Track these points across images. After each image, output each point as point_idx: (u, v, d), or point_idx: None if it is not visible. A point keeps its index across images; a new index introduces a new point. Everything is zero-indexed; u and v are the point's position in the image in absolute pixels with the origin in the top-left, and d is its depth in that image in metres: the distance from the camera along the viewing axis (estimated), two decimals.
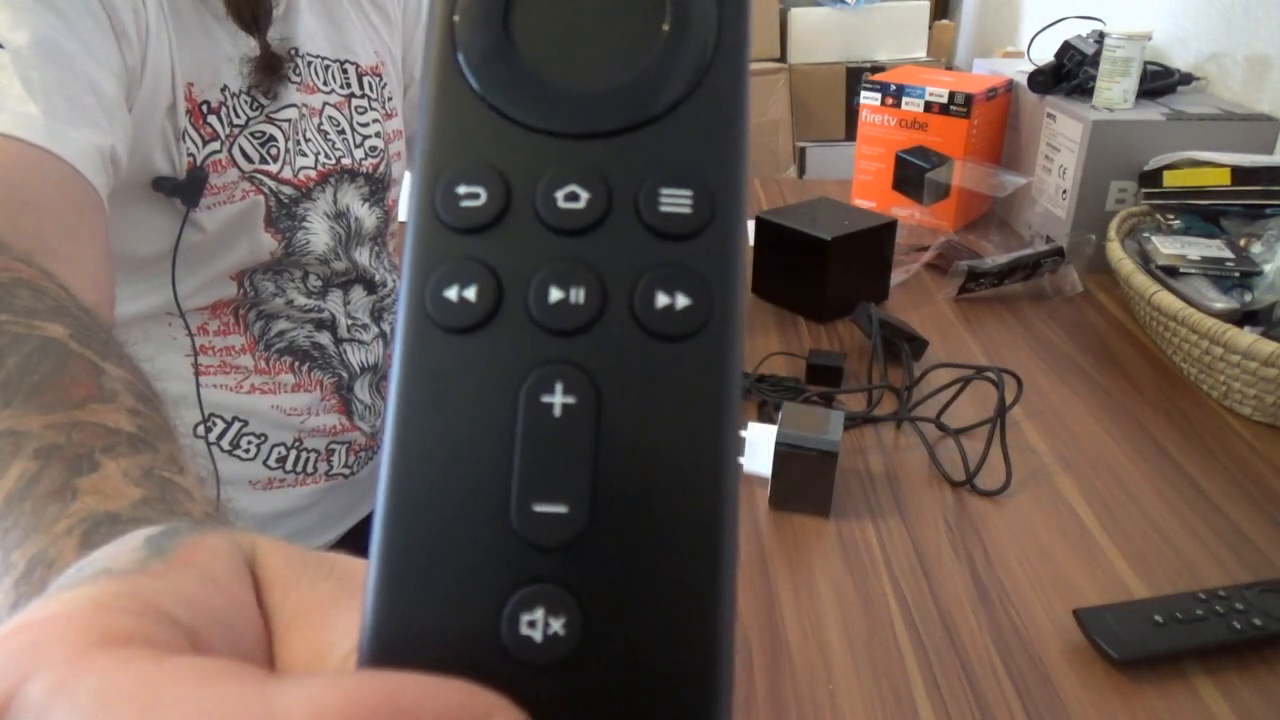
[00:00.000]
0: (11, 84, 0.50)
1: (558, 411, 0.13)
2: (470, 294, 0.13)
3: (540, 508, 0.13)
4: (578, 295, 0.13)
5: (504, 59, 0.14)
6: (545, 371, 0.13)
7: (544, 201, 0.13)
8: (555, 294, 0.13)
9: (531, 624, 0.12)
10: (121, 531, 0.21)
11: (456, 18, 0.14)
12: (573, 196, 0.13)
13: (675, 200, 0.14)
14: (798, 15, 2.07)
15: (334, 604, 0.17)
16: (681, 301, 0.13)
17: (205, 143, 0.68)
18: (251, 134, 0.71)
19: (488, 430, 0.13)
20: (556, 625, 0.12)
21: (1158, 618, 0.54)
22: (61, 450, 0.26)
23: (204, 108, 0.68)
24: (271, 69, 0.71)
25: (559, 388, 0.13)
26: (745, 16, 0.14)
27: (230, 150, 0.70)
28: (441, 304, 0.13)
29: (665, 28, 0.14)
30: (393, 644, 0.13)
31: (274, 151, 0.72)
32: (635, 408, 0.13)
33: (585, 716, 0.12)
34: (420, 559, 0.13)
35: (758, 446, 0.68)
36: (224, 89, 0.69)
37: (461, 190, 0.14)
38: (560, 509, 0.13)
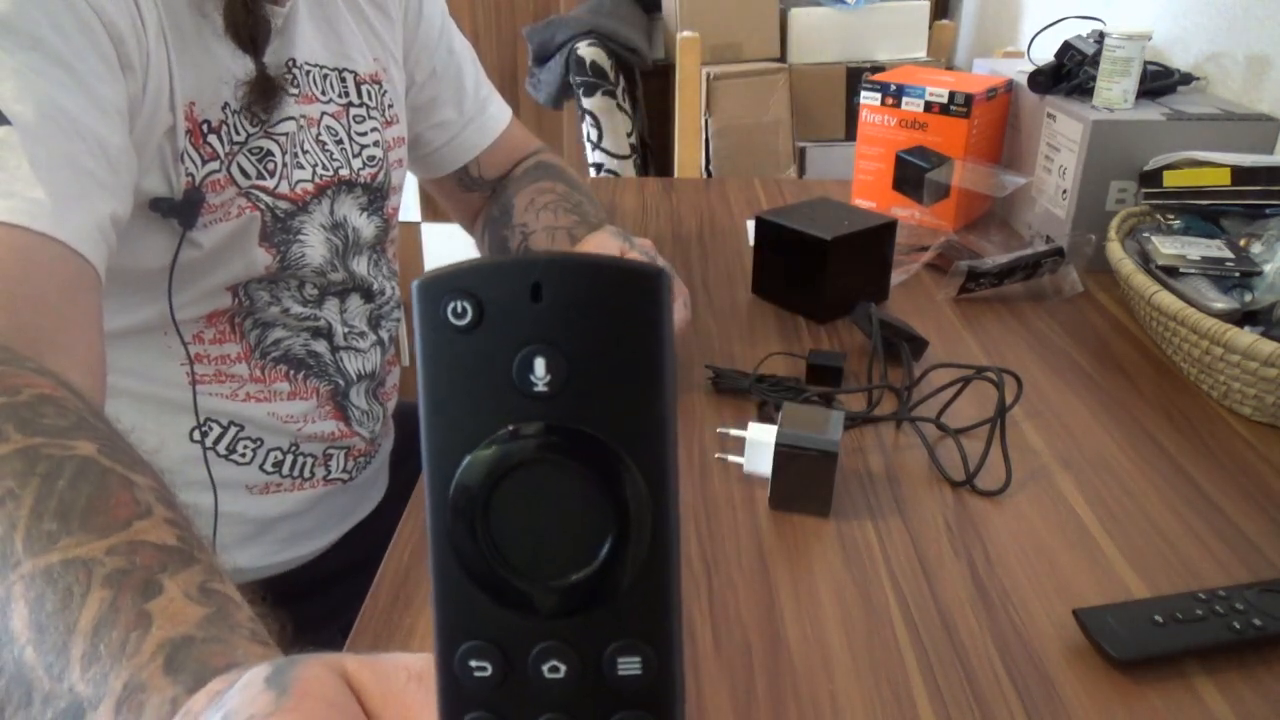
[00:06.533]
0: (20, 165, 0.50)
1: None
2: None
3: None
4: None
5: (491, 562, 0.18)
6: None
7: (534, 673, 0.18)
8: None
9: None
10: (198, 654, 0.28)
11: (449, 519, 0.18)
12: (555, 669, 0.18)
13: (630, 665, 0.18)
14: (798, 15, 2.06)
15: (427, 704, 0.21)
16: None
17: (204, 162, 0.67)
18: (250, 150, 0.70)
19: None
20: None
21: (1158, 618, 0.55)
22: (128, 576, 0.30)
23: (204, 127, 0.67)
24: (266, 94, 0.70)
25: None
26: (673, 512, 0.18)
27: (229, 169, 0.69)
28: None
29: (613, 532, 0.18)
30: None
31: (270, 166, 0.72)
32: None
33: None
34: None
35: (758, 447, 0.68)
36: (225, 106, 0.68)
37: (473, 664, 0.18)
38: None
